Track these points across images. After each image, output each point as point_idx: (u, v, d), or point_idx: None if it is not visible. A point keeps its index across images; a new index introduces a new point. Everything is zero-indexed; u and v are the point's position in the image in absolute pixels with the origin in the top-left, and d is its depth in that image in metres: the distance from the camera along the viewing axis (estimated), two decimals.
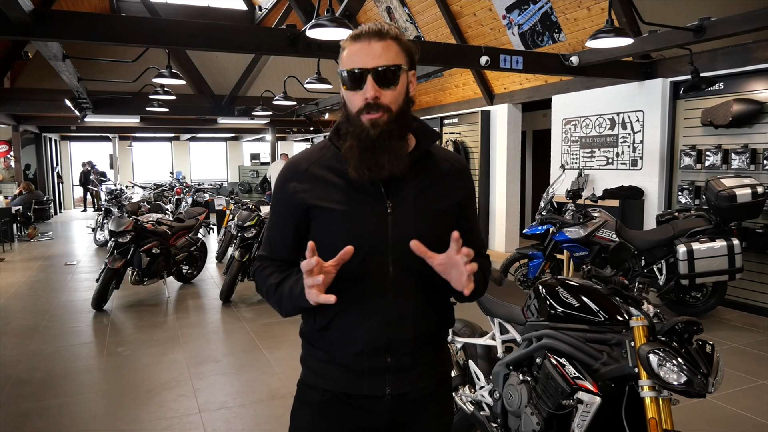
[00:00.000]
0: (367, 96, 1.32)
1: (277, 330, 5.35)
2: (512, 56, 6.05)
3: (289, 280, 1.43)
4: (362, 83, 1.32)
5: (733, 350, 4.75)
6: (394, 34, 1.34)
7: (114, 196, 10.58)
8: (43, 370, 4.39)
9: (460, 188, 1.50)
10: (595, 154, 7.57)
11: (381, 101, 1.33)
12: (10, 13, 4.05)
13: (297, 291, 1.36)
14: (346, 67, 1.34)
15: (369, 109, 1.33)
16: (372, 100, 1.32)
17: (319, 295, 1.27)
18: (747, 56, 5.74)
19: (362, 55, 1.32)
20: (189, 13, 12.42)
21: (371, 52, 1.32)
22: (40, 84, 11.22)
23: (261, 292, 1.52)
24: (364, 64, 1.32)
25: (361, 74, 1.32)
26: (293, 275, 1.43)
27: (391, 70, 1.32)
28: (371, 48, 1.32)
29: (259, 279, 1.51)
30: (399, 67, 1.34)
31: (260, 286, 1.52)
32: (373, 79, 1.32)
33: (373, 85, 1.32)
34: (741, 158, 5.76)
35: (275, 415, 3.60)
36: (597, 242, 5.60)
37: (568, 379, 2.11)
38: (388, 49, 1.33)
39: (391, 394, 1.43)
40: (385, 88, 1.33)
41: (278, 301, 1.45)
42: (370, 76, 1.31)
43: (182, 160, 22.34)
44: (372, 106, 1.33)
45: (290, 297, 1.40)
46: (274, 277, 1.47)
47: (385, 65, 1.31)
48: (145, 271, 6.36)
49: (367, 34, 1.33)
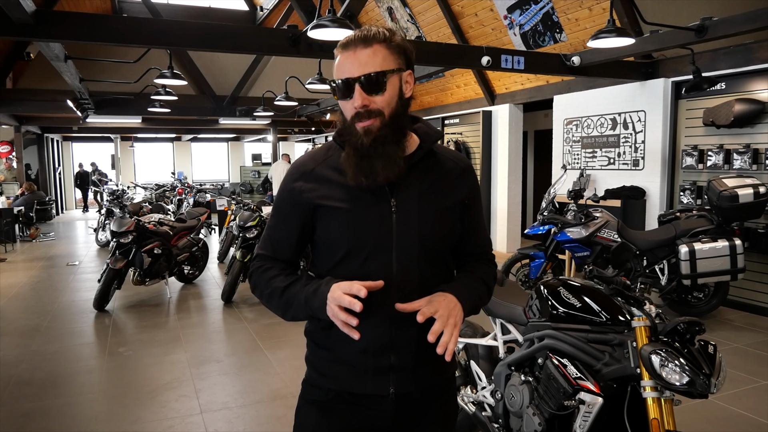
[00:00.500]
0: (355, 105, 1.33)
1: (278, 330, 5.35)
2: (514, 56, 6.05)
3: (299, 287, 1.42)
4: (351, 92, 1.34)
5: (736, 351, 4.74)
6: (381, 38, 1.34)
7: (116, 197, 10.59)
8: (45, 371, 4.39)
9: (464, 187, 1.50)
10: (597, 155, 7.56)
11: (371, 107, 1.34)
12: (12, 14, 4.06)
13: (316, 304, 1.36)
14: (335, 77, 1.36)
15: (360, 118, 1.34)
16: (361, 109, 1.33)
17: (352, 331, 1.29)
18: (749, 56, 5.73)
19: (348, 65, 1.33)
20: (190, 14, 12.43)
21: (357, 61, 1.33)
22: (42, 85, 11.24)
23: (259, 292, 1.50)
24: (350, 73, 1.33)
25: (348, 84, 1.33)
26: (301, 281, 1.43)
27: (378, 77, 1.33)
28: (357, 56, 1.33)
29: (260, 280, 1.49)
30: (385, 72, 1.34)
31: (259, 286, 1.49)
32: (361, 87, 1.32)
33: (361, 94, 1.33)
34: (743, 158, 5.75)
35: (277, 415, 3.60)
36: (599, 242, 5.60)
37: (570, 380, 2.11)
38: (374, 55, 1.33)
39: (395, 393, 1.43)
40: (374, 94, 1.34)
41: (284, 306, 1.44)
42: (357, 85, 1.32)
43: (184, 161, 22.37)
44: (362, 114, 1.34)
45: (306, 306, 1.39)
46: (279, 280, 1.45)
47: (369, 73, 1.32)
48: (147, 271, 6.36)
49: (353, 42, 1.34)
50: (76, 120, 13.01)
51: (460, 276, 1.52)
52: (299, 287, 1.41)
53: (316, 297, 1.35)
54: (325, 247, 1.46)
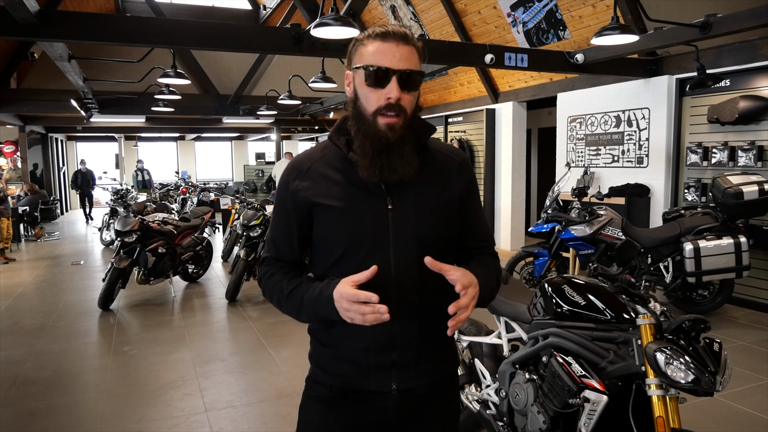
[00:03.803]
0: (390, 96, 1.33)
1: (282, 329, 5.36)
2: (517, 54, 6.04)
3: (304, 289, 1.42)
4: (385, 83, 1.33)
5: (741, 348, 4.72)
6: (415, 41, 1.38)
7: (120, 196, 10.62)
8: (50, 370, 4.41)
9: (461, 181, 1.50)
10: (601, 152, 7.54)
11: (401, 103, 1.35)
12: (16, 14, 4.07)
13: (323, 310, 1.37)
14: (371, 63, 1.34)
15: (389, 110, 1.34)
16: (395, 101, 1.33)
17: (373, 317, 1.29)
18: (753, 53, 5.70)
19: (389, 55, 1.33)
20: (194, 13, 12.43)
21: (398, 54, 1.33)
22: (46, 84, 11.27)
23: (269, 298, 1.52)
24: (390, 64, 1.33)
25: (386, 73, 1.33)
26: (304, 284, 1.44)
27: (415, 75, 1.36)
28: (398, 50, 1.34)
29: (267, 285, 1.51)
30: (422, 73, 1.38)
31: (268, 292, 1.51)
32: (398, 80, 1.33)
33: (397, 87, 1.33)
34: (748, 155, 5.72)
35: (281, 413, 3.61)
36: (603, 240, 5.59)
37: (575, 378, 2.10)
38: (412, 54, 1.36)
39: (398, 389, 1.43)
40: (407, 92, 1.35)
41: (294, 310, 1.46)
42: (395, 77, 1.33)
43: (187, 160, 22.41)
44: (393, 107, 1.34)
45: (315, 313, 1.40)
46: (284, 284, 1.46)
47: (410, 69, 1.34)
48: (151, 270, 6.38)
49: (395, 36, 1.34)
50: (80, 120, 13.04)
51: (473, 265, 1.49)
52: (302, 292, 1.42)
53: (321, 304, 1.36)
54: (322, 246, 1.46)
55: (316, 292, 1.38)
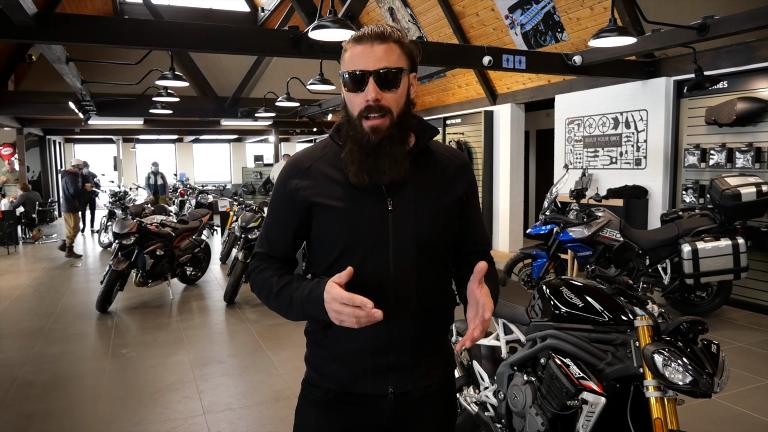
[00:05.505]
0: (368, 98, 1.32)
1: (281, 331, 5.35)
2: (515, 56, 6.05)
3: (294, 287, 1.41)
4: (363, 85, 1.33)
5: (739, 350, 4.73)
6: (396, 37, 1.35)
7: (118, 198, 10.60)
8: (48, 372, 4.40)
9: (462, 184, 1.50)
10: (599, 154, 7.55)
11: (382, 103, 1.33)
12: (14, 16, 4.06)
13: (311, 310, 1.36)
14: (348, 69, 1.34)
15: (370, 112, 1.33)
16: (373, 102, 1.32)
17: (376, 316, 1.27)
18: (751, 54, 5.71)
19: (364, 57, 1.33)
20: (192, 15, 12.44)
21: (373, 54, 1.32)
22: (44, 87, 11.26)
23: (257, 293, 1.51)
24: (365, 66, 1.32)
25: (362, 76, 1.32)
26: (295, 282, 1.43)
27: (393, 73, 1.33)
28: (373, 50, 1.32)
29: (256, 280, 1.50)
30: (401, 69, 1.34)
31: (257, 287, 1.50)
32: (375, 81, 1.32)
33: (375, 87, 1.32)
34: (745, 157, 5.74)
35: (279, 416, 3.60)
36: (601, 242, 5.59)
37: (573, 380, 2.10)
38: (390, 51, 1.33)
39: (394, 393, 1.43)
40: (387, 90, 1.33)
41: (282, 308, 1.44)
42: (371, 78, 1.32)
43: (186, 162, 22.41)
44: (373, 108, 1.33)
45: (303, 309, 1.39)
46: (274, 280, 1.45)
47: (386, 67, 1.32)
48: (149, 272, 6.37)
49: (370, 37, 1.33)
50: (78, 122, 13.03)
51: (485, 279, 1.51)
52: (291, 290, 1.41)
53: (311, 304, 1.35)
54: (321, 246, 1.46)
55: (306, 291, 1.37)
